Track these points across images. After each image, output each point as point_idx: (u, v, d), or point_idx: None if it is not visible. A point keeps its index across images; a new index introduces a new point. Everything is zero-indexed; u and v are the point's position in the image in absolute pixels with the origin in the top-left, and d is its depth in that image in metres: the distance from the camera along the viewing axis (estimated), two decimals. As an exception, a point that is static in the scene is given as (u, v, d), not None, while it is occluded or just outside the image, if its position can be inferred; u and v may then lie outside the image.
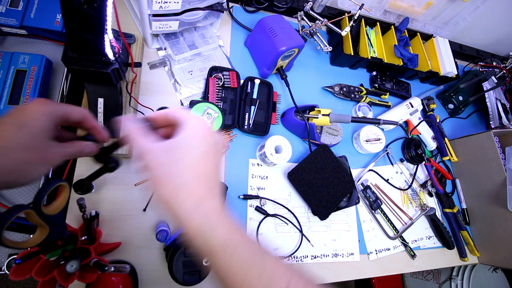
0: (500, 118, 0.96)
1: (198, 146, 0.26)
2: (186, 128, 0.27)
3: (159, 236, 0.54)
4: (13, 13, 0.56)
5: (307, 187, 0.67)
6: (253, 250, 0.25)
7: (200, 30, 0.72)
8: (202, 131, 0.27)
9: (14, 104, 0.52)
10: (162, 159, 0.25)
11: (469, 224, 0.88)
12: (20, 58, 0.54)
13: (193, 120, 0.28)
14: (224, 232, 0.25)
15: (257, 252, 0.25)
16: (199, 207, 0.25)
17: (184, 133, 0.27)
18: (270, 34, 0.69)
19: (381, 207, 0.77)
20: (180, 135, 0.27)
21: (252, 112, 0.71)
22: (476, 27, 1.02)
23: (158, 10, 0.57)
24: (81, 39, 0.40)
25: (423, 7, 0.90)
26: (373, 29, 0.92)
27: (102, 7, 0.37)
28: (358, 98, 0.86)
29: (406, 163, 0.86)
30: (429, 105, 0.94)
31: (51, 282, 0.41)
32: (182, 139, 0.27)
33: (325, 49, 0.80)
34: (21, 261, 0.37)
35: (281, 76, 0.75)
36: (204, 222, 0.24)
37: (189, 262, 0.49)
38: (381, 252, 0.74)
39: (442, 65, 0.96)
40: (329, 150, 0.70)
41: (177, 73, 0.69)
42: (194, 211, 0.25)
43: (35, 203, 0.32)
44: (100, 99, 0.52)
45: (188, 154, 0.26)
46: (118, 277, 0.48)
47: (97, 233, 0.48)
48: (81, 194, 0.53)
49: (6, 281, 1.14)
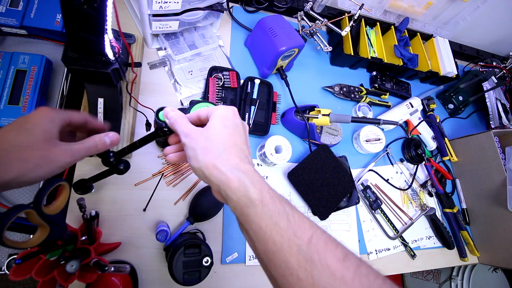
0: (500, 118, 0.96)
1: (225, 126, 0.33)
2: (214, 115, 0.34)
3: (159, 236, 0.54)
4: (13, 13, 0.56)
5: (307, 187, 0.67)
6: (283, 204, 0.30)
7: (200, 30, 0.72)
8: (227, 115, 0.34)
9: (14, 104, 0.52)
10: (201, 138, 0.33)
11: (469, 224, 0.88)
12: (20, 58, 0.54)
13: (220, 108, 0.35)
14: (259, 187, 0.30)
15: (287, 206, 0.30)
16: (234, 171, 0.30)
17: (213, 120, 0.34)
18: (270, 34, 0.69)
19: (381, 207, 0.77)
20: (211, 122, 0.34)
21: (252, 112, 0.71)
22: (476, 27, 1.02)
23: (158, 10, 0.57)
24: (81, 39, 0.40)
25: (423, 7, 0.90)
26: (373, 29, 0.92)
27: (102, 7, 0.37)
28: (358, 98, 0.86)
29: (406, 163, 0.86)
30: (429, 105, 0.94)
31: (51, 282, 0.41)
32: (213, 124, 0.34)
33: (325, 49, 0.80)
34: (21, 261, 0.37)
35: (281, 76, 0.75)
36: (241, 181, 0.30)
37: (189, 262, 0.49)
38: (381, 252, 0.74)
39: (442, 65, 0.96)
40: (329, 150, 0.70)
41: (177, 73, 0.69)
42: (231, 174, 0.30)
43: (35, 202, 0.32)
44: (100, 99, 0.52)
45: (218, 134, 0.33)
46: (118, 277, 0.48)
47: (97, 233, 0.48)
48: (81, 194, 0.53)
49: (6, 281, 1.14)
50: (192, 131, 0.33)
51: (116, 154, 0.41)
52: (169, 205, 0.60)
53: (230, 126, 0.34)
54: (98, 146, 0.35)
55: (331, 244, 0.27)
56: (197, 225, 0.60)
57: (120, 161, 0.42)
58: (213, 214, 0.60)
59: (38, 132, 0.30)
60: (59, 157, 0.31)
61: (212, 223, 0.61)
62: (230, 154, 0.32)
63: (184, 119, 0.35)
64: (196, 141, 0.33)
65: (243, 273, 0.61)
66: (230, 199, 0.30)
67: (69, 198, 0.55)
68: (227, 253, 0.61)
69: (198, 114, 0.36)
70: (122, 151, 0.42)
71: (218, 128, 0.33)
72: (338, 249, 0.27)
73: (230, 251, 0.61)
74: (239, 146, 0.33)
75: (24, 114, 0.52)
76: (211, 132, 0.33)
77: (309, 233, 0.27)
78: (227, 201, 0.31)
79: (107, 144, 0.36)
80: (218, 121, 0.34)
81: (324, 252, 0.26)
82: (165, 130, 0.38)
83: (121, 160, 0.42)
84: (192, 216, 0.58)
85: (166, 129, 0.38)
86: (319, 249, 0.26)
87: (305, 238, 0.27)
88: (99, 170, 0.47)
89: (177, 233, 0.56)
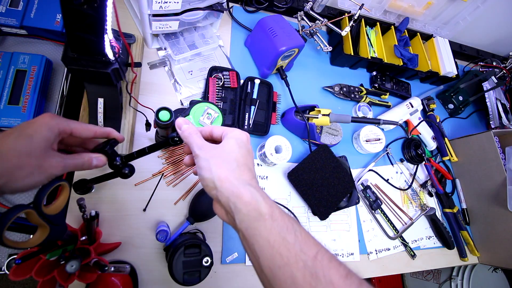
0: (500, 118, 0.96)
1: (240, 147, 0.35)
2: (230, 136, 0.36)
3: (159, 236, 0.54)
4: (13, 13, 0.56)
5: (307, 187, 0.67)
6: (291, 220, 0.31)
7: (200, 30, 0.72)
8: (242, 138, 0.36)
9: (14, 104, 0.52)
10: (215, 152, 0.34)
11: (469, 224, 0.88)
12: (20, 58, 0.54)
13: (236, 130, 0.37)
14: (269, 203, 0.31)
15: (294, 223, 0.31)
16: (246, 186, 0.32)
17: (229, 140, 0.36)
18: (270, 34, 0.69)
19: (381, 207, 0.77)
20: (227, 141, 0.36)
21: (252, 112, 0.71)
22: (476, 27, 1.02)
23: (158, 10, 0.57)
24: (81, 39, 0.40)
25: (423, 7, 0.90)
26: (373, 29, 0.92)
27: (102, 7, 0.37)
28: (358, 98, 0.86)
29: (406, 163, 0.86)
30: (429, 105, 0.94)
31: (51, 282, 0.41)
32: (228, 142, 0.35)
33: (325, 49, 0.80)
34: (21, 261, 0.37)
35: (281, 76, 0.75)
36: (253, 195, 0.31)
37: (189, 262, 0.49)
38: (381, 252, 0.74)
39: (442, 65, 0.96)
40: (329, 150, 0.70)
41: (177, 73, 0.69)
42: (243, 188, 0.31)
43: (35, 202, 0.32)
44: (100, 99, 0.52)
45: (233, 152, 0.35)
46: (118, 277, 0.48)
47: (97, 233, 0.48)
48: (81, 194, 0.53)
49: (6, 281, 1.14)
50: (206, 145, 0.35)
51: (123, 158, 0.41)
52: (169, 205, 0.60)
53: (243, 148, 0.36)
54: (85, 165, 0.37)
55: (335, 261, 0.28)
56: (197, 225, 0.60)
57: (125, 165, 0.42)
58: (213, 214, 0.60)
59: (39, 139, 0.31)
60: (51, 169, 0.32)
61: (212, 223, 0.61)
62: (242, 171, 0.33)
63: (198, 133, 0.37)
64: (211, 153, 0.34)
65: (243, 273, 0.61)
66: (239, 211, 0.31)
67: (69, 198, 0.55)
68: (227, 253, 0.61)
69: (211, 130, 0.38)
70: (130, 156, 0.42)
71: (233, 147, 0.35)
72: (341, 267, 0.28)
73: (230, 251, 0.61)
74: (250, 167, 0.35)
75: (24, 114, 0.52)
76: (226, 149, 0.35)
77: (314, 250, 0.28)
78: (235, 214, 0.31)
79: (92, 165, 0.38)
80: (233, 141, 0.35)
81: (328, 268, 0.27)
82: (176, 140, 0.40)
83: (126, 164, 0.42)
84: (192, 216, 0.58)
85: (177, 138, 0.39)
86: (324, 265, 0.27)
87: (311, 254, 0.28)
88: (100, 171, 0.47)
89: (177, 233, 0.56)
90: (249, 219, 0.30)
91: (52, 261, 0.40)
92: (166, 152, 0.63)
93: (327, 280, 0.26)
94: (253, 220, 0.30)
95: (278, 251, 0.28)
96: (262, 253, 0.29)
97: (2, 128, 0.51)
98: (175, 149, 0.63)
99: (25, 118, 0.52)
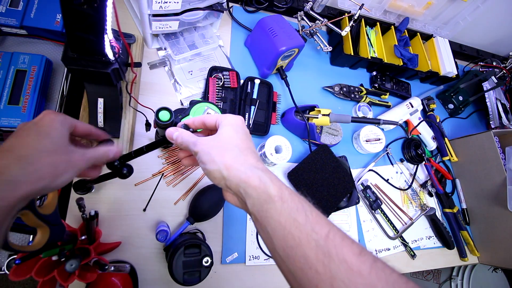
0: (500, 118, 0.96)
1: (237, 132, 0.35)
2: (225, 123, 0.35)
3: (159, 236, 0.54)
4: (13, 13, 0.56)
5: (307, 187, 0.67)
6: (301, 201, 0.31)
7: (200, 30, 0.72)
8: (237, 122, 0.36)
9: (14, 104, 0.52)
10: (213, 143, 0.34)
11: (469, 224, 0.88)
12: (20, 58, 0.54)
13: (229, 116, 0.36)
14: (278, 185, 0.31)
15: (304, 203, 0.30)
16: (253, 170, 0.31)
17: (224, 127, 0.35)
18: (270, 34, 0.69)
19: (381, 207, 0.77)
20: (222, 129, 0.35)
21: (252, 112, 0.71)
22: (476, 27, 1.02)
23: (158, 10, 0.57)
24: (81, 39, 0.40)
25: (423, 7, 0.90)
26: (373, 29, 0.92)
27: (102, 7, 0.37)
28: (358, 98, 0.86)
29: (406, 163, 0.86)
30: (429, 105, 0.94)
31: (51, 282, 0.41)
32: (224, 130, 0.35)
33: (325, 49, 0.80)
34: (21, 261, 0.37)
35: (281, 76, 0.75)
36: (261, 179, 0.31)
37: (189, 262, 0.49)
38: (381, 252, 0.74)
39: (442, 65, 0.96)
40: (329, 150, 0.70)
41: (177, 73, 0.69)
42: (251, 172, 0.31)
43: (30, 203, 0.31)
44: (100, 99, 0.52)
45: (231, 138, 0.34)
46: (118, 276, 0.48)
47: (96, 232, 0.48)
48: (81, 194, 0.53)
49: (6, 281, 1.14)
50: (202, 139, 0.35)
51: (121, 158, 0.41)
52: (169, 205, 0.60)
53: (241, 132, 0.35)
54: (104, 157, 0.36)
55: (347, 240, 0.28)
56: (197, 225, 0.60)
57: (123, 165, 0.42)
58: (213, 214, 0.60)
59: (58, 136, 0.30)
60: (77, 162, 0.31)
61: (212, 223, 0.61)
62: (246, 156, 0.33)
63: (188, 134, 0.36)
64: (210, 145, 0.34)
65: (243, 273, 0.61)
66: (249, 196, 0.31)
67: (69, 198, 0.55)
68: (227, 253, 0.61)
69: (203, 120, 0.38)
70: (127, 156, 0.41)
71: (231, 133, 0.35)
72: (354, 245, 0.27)
73: (230, 251, 0.61)
74: (252, 149, 0.35)
75: (24, 114, 0.52)
76: (224, 137, 0.34)
77: (326, 229, 0.28)
78: (246, 199, 0.31)
79: (110, 157, 0.37)
80: (229, 128, 0.35)
81: (341, 247, 0.27)
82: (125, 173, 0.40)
83: (125, 164, 0.42)
84: (192, 216, 0.58)
85: None
86: (336, 244, 0.27)
87: (322, 234, 0.28)
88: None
89: (177, 233, 0.56)
90: (260, 203, 0.30)
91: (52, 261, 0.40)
92: (166, 152, 0.63)
93: (340, 258, 0.26)
94: (264, 203, 0.30)
95: (290, 232, 0.28)
96: (275, 235, 0.29)
97: (2, 128, 0.51)
98: (175, 149, 0.63)
99: (25, 118, 0.52)
